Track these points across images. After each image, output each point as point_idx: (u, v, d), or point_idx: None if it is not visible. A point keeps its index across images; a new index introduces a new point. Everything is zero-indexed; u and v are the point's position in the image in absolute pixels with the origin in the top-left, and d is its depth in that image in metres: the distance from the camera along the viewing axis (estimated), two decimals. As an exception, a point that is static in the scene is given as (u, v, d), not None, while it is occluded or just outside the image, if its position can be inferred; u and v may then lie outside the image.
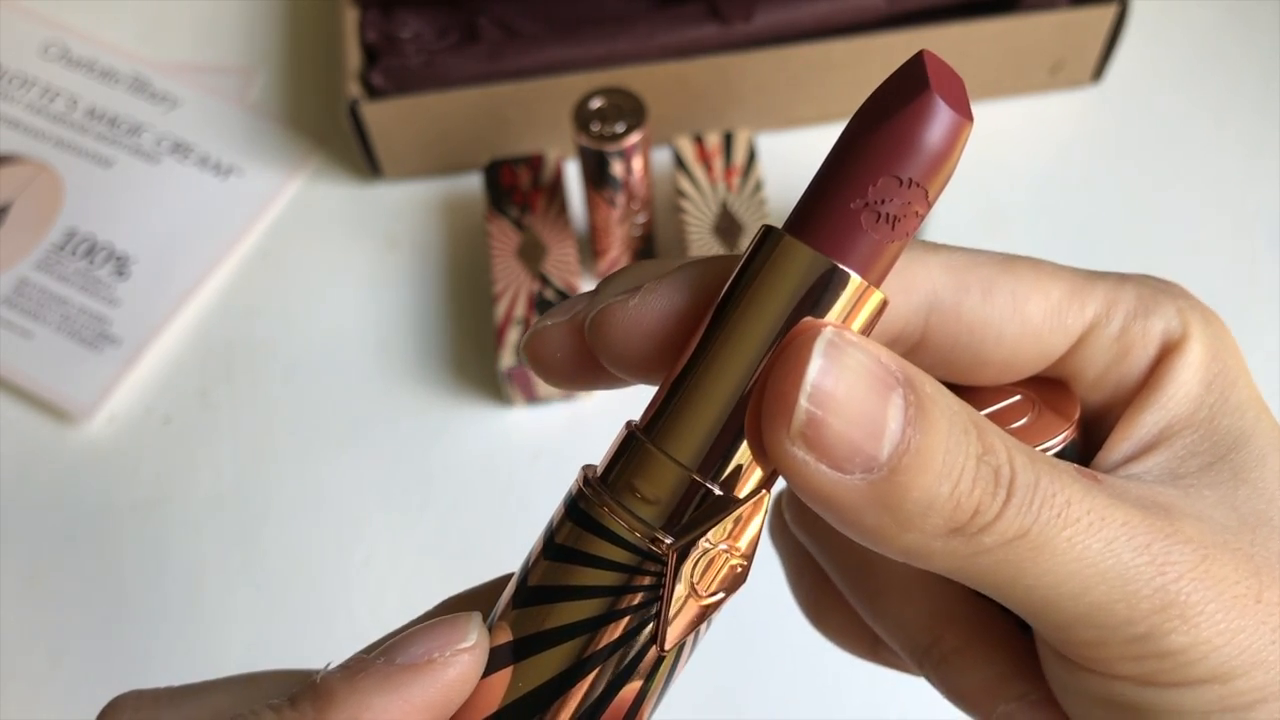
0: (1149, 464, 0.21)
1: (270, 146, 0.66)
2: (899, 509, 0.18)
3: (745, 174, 0.59)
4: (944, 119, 0.18)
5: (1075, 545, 0.18)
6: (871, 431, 0.18)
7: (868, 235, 0.19)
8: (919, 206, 0.19)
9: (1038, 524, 0.18)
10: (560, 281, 0.56)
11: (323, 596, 0.52)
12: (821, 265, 0.19)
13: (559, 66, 0.60)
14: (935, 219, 0.60)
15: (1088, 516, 0.18)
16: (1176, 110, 0.64)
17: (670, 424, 0.20)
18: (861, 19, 0.60)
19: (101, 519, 0.55)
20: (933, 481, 0.18)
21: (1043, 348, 0.22)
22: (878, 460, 0.18)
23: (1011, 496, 0.18)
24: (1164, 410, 0.22)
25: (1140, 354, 0.22)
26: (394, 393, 0.57)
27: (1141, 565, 0.19)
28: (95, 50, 0.70)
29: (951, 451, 0.18)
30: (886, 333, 0.22)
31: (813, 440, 0.18)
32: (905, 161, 0.18)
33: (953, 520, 0.18)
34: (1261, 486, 0.21)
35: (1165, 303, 0.22)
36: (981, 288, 0.22)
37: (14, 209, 0.64)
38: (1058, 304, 0.22)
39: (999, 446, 0.19)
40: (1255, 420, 0.21)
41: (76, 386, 0.58)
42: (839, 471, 0.18)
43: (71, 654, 0.52)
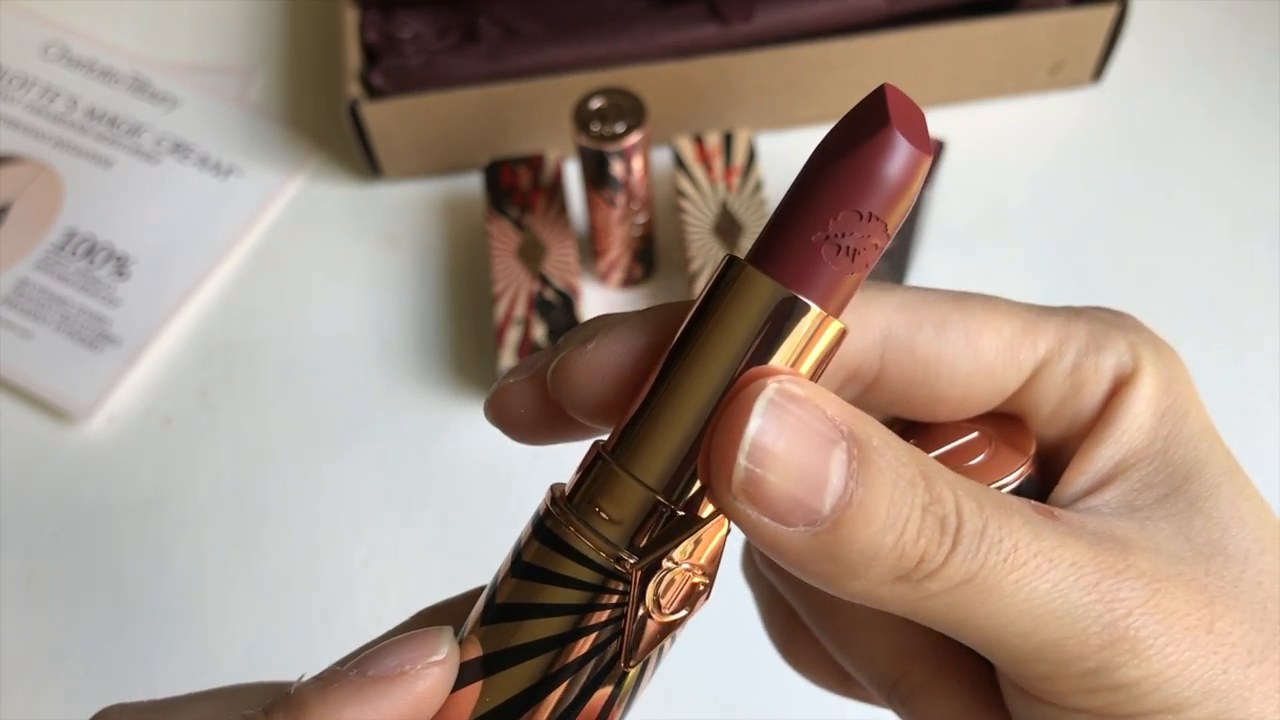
0: (1106, 497, 0.22)
1: (270, 146, 0.66)
2: (844, 559, 0.18)
3: (745, 174, 0.59)
4: (903, 154, 0.19)
5: (1023, 587, 0.19)
6: (811, 487, 0.18)
7: (828, 267, 0.19)
8: (878, 239, 0.19)
9: (984, 569, 0.19)
10: (560, 281, 0.56)
11: (323, 596, 0.52)
12: (781, 295, 0.19)
13: (559, 66, 0.60)
14: (936, 220, 0.60)
15: (1035, 559, 0.19)
16: (1176, 111, 0.64)
17: (635, 445, 0.20)
18: (861, 19, 0.60)
19: (101, 519, 0.55)
20: (876, 533, 0.18)
21: (996, 383, 0.22)
22: (820, 514, 0.18)
23: (958, 544, 0.19)
24: (1118, 444, 0.22)
25: (1093, 389, 0.22)
26: (394, 392, 0.57)
27: (1090, 603, 0.19)
28: (95, 50, 0.70)
29: (896, 503, 0.18)
30: (843, 369, 0.22)
31: (754, 496, 0.18)
32: (866, 195, 0.19)
33: (898, 569, 0.19)
34: (1215, 516, 0.21)
35: (1117, 337, 0.23)
36: (935, 324, 0.22)
37: (14, 209, 0.64)
38: (1010, 340, 0.22)
39: (946, 495, 0.19)
40: (1209, 450, 0.22)
41: (76, 387, 0.58)
42: (782, 524, 0.18)
43: (72, 654, 0.52)
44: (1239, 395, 0.55)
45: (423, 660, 0.21)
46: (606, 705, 0.21)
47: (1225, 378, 0.55)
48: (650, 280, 0.60)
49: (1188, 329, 0.57)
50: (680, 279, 0.60)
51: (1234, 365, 0.56)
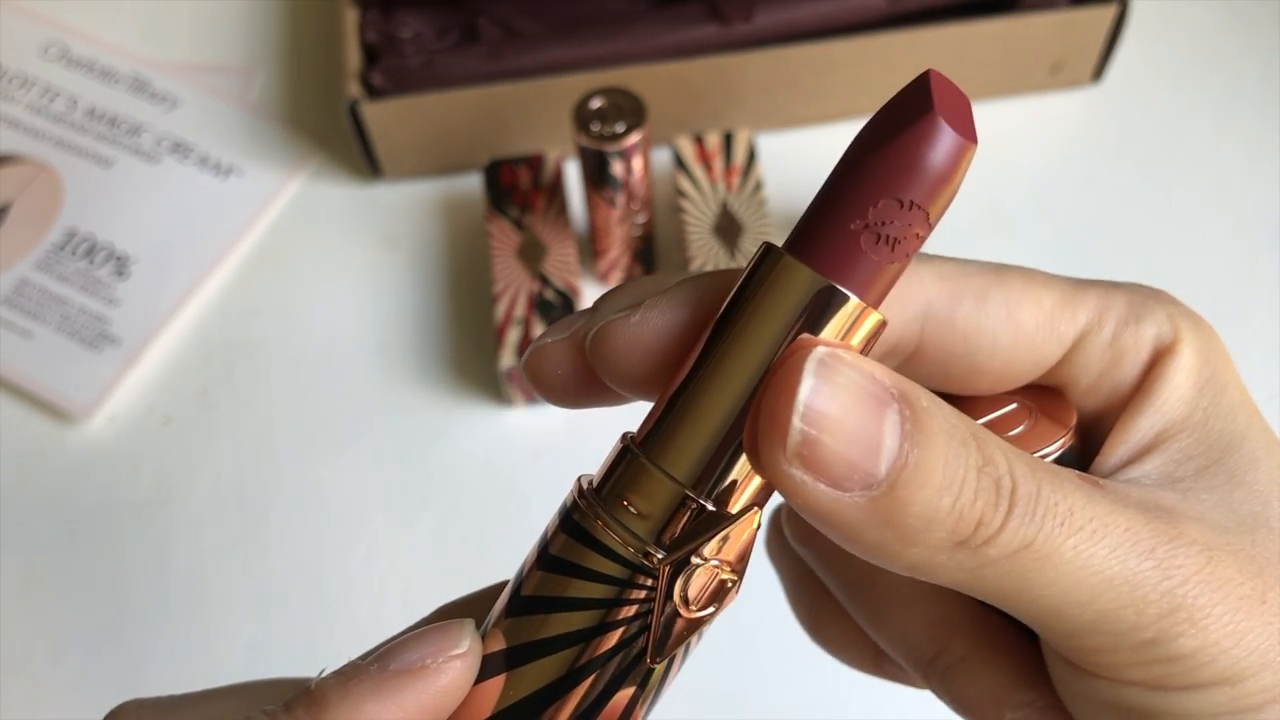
0: (1146, 468, 0.21)
1: (270, 146, 0.66)
2: (901, 524, 0.18)
3: (745, 174, 0.59)
4: (947, 141, 0.18)
5: (1081, 553, 0.18)
6: (868, 449, 0.18)
7: (867, 257, 0.19)
8: (920, 229, 0.19)
9: (1042, 534, 0.18)
10: (560, 281, 0.56)
11: (323, 596, 0.52)
12: (819, 286, 0.19)
13: (559, 66, 0.60)
14: (935, 219, 0.60)
15: (1091, 524, 0.18)
16: (1176, 110, 0.64)
17: (666, 439, 0.20)
18: (862, 19, 0.60)
19: (102, 519, 0.55)
20: (933, 495, 0.18)
21: (1037, 355, 0.22)
22: (876, 477, 0.18)
23: (1014, 508, 0.18)
24: (1159, 415, 0.22)
25: (1133, 359, 0.22)
26: (394, 392, 0.57)
27: (1147, 570, 0.19)
28: (95, 50, 0.70)
29: (951, 464, 0.18)
30: (883, 343, 0.22)
31: (809, 460, 0.18)
32: (907, 183, 0.18)
33: (956, 534, 0.18)
34: (1257, 489, 0.21)
35: (1156, 309, 0.22)
36: (975, 297, 0.22)
37: (14, 209, 0.64)
38: (1050, 311, 0.22)
39: (999, 457, 0.19)
40: (1247, 423, 0.22)
41: (76, 386, 0.58)
42: (838, 490, 0.18)
43: (72, 654, 0.52)
44: (1239, 395, 0.55)
45: (444, 654, 0.21)
46: (631, 702, 0.21)
47: (1225, 377, 0.56)
48: (650, 280, 0.60)
49: (1188, 329, 0.57)
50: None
51: (1235, 364, 0.56)
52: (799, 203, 0.62)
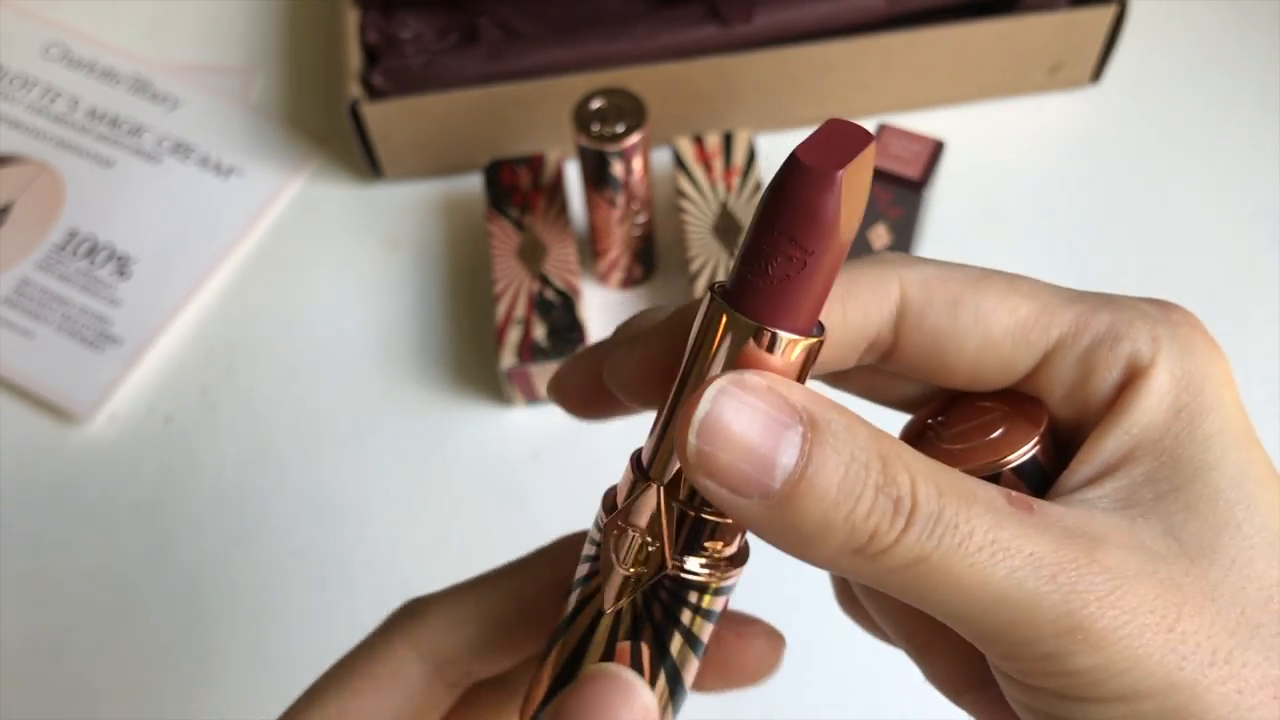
0: (1105, 489, 0.22)
1: (271, 147, 0.66)
2: (798, 530, 0.20)
3: (745, 174, 0.59)
4: (806, 175, 0.20)
5: (977, 571, 0.20)
6: (760, 464, 0.20)
7: (781, 296, 0.21)
8: (805, 255, 0.21)
9: (938, 551, 0.20)
10: (560, 281, 0.56)
11: (323, 596, 0.53)
12: (744, 327, 0.21)
13: (559, 67, 0.60)
14: (937, 220, 0.60)
15: (991, 547, 0.20)
16: (1175, 111, 0.64)
17: (655, 454, 0.24)
18: (861, 19, 0.60)
19: (103, 518, 0.55)
20: (827, 508, 0.20)
21: (1006, 362, 0.23)
22: (771, 488, 0.20)
23: (911, 524, 0.20)
24: (1127, 435, 0.22)
25: (1103, 376, 0.23)
26: (394, 392, 0.58)
27: (1047, 592, 0.20)
28: (96, 51, 0.70)
29: (848, 481, 0.20)
30: (864, 337, 0.24)
31: (708, 470, 0.20)
32: (785, 221, 0.21)
33: (850, 542, 0.20)
34: (1210, 520, 0.21)
35: (1140, 329, 0.23)
36: (948, 302, 0.23)
37: (15, 209, 0.64)
38: (1023, 322, 0.23)
39: (902, 478, 0.20)
40: (1221, 454, 0.22)
41: (78, 386, 0.58)
42: (740, 496, 0.20)
43: (72, 654, 0.52)
44: (1240, 393, 0.55)
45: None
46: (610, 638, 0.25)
47: (1224, 377, 0.56)
48: (650, 280, 0.60)
49: (1187, 329, 0.57)
50: (680, 279, 0.60)
51: (1235, 364, 0.56)
52: (799, 203, 0.62)
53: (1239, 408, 0.23)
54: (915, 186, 0.53)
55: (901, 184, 0.53)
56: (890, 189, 0.53)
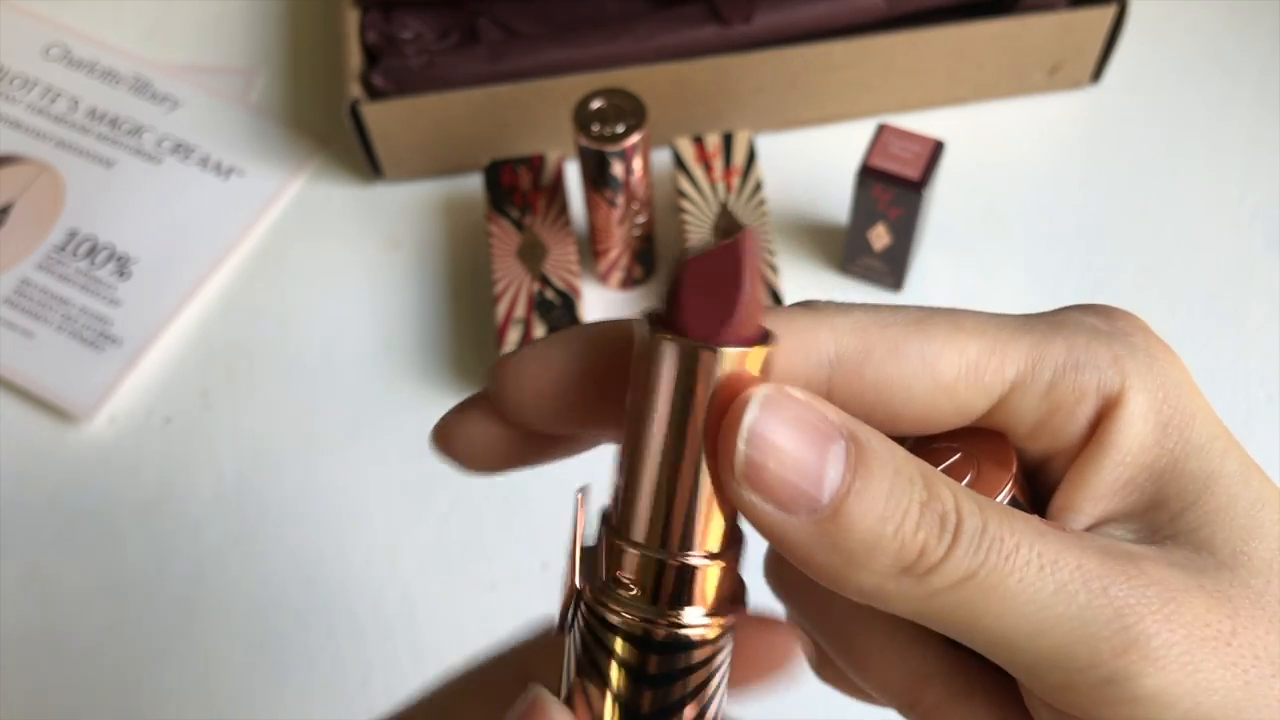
0: (1117, 527, 0.21)
1: (271, 147, 0.66)
2: (845, 548, 0.19)
3: (745, 175, 0.59)
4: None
5: (1026, 587, 0.19)
6: (811, 475, 0.19)
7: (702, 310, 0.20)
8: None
9: (985, 566, 0.19)
10: (561, 282, 0.56)
11: (323, 596, 0.53)
12: (691, 350, 0.20)
13: (559, 68, 0.60)
14: (936, 220, 0.60)
15: (1039, 559, 0.19)
16: (1175, 111, 0.64)
17: (626, 515, 0.22)
18: (861, 20, 0.60)
19: (102, 519, 0.55)
20: (876, 523, 0.19)
21: (958, 406, 0.22)
22: (820, 501, 0.19)
23: (959, 540, 0.19)
24: (1121, 466, 0.22)
25: (1072, 410, 0.22)
26: (395, 393, 0.58)
27: (1099, 607, 0.19)
28: (97, 51, 0.70)
29: (895, 496, 0.19)
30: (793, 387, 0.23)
31: (756, 482, 0.19)
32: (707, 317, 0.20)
33: (899, 560, 0.19)
34: (1236, 526, 0.21)
35: (1099, 352, 0.22)
36: (888, 348, 0.22)
37: (15, 209, 0.64)
38: (974, 362, 0.22)
39: (945, 494, 0.20)
40: (1220, 458, 0.21)
41: (78, 387, 0.58)
42: (785, 512, 0.19)
43: (72, 654, 0.52)
44: (1239, 395, 0.55)
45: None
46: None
47: (1225, 377, 0.56)
48: (650, 280, 0.60)
49: (1187, 329, 0.57)
50: (680, 279, 0.60)
51: (1234, 365, 0.56)
52: (798, 203, 0.62)
53: (1210, 408, 0.22)
54: (915, 186, 0.53)
55: (901, 184, 0.53)
56: (890, 189, 0.53)
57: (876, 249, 0.56)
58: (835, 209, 0.60)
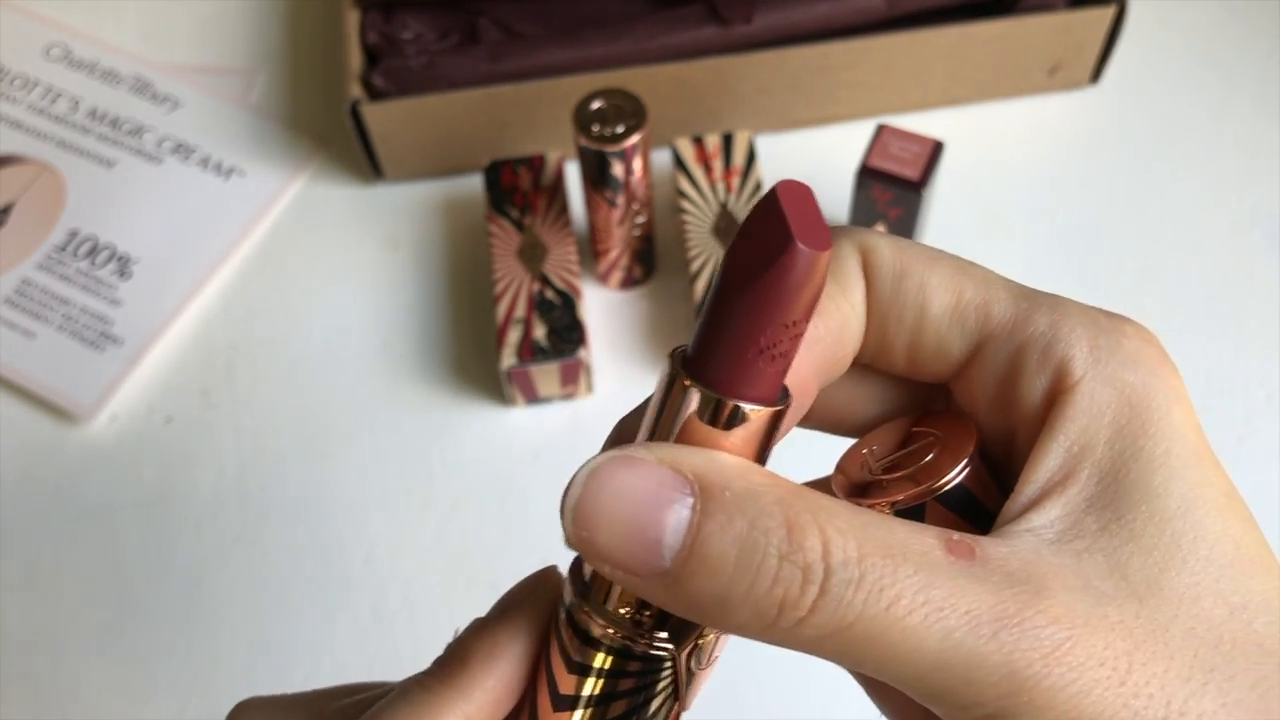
0: (1049, 515, 0.21)
1: (272, 147, 0.66)
2: (700, 608, 0.19)
3: (745, 175, 0.59)
4: (807, 263, 0.19)
5: (909, 637, 0.18)
6: (645, 542, 0.19)
7: (764, 373, 0.20)
8: (799, 330, 0.20)
9: (862, 618, 0.18)
10: (561, 282, 0.56)
11: (324, 596, 0.53)
12: (708, 400, 0.20)
13: (559, 68, 0.60)
14: (935, 220, 0.60)
15: (922, 609, 0.19)
16: (1174, 111, 0.64)
17: None
18: (861, 20, 0.60)
19: (103, 518, 0.55)
20: (723, 584, 0.19)
21: (940, 343, 0.23)
22: (661, 565, 0.19)
23: (826, 591, 0.18)
24: (1066, 453, 0.21)
25: (1030, 380, 0.22)
26: (395, 392, 0.58)
27: (988, 653, 0.18)
28: (97, 51, 0.70)
29: (745, 552, 0.19)
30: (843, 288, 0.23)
31: (593, 555, 0.19)
32: (786, 309, 0.20)
33: (758, 616, 0.19)
34: (1156, 553, 0.20)
35: (1081, 337, 0.22)
36: (896, 273, 0.23)
37: (16, 209, 0.64)
38: (963, 304, 0.22)
39: (811, 544, 0.19)
40: (1167, 479, 0.21)
41: (78, 386, 0.58)
42: (632, 575, 0.19)
43: (72, 653, 0.52)
44: (1239, 394, 0.55)
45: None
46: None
47: (1225, 377, 0.56)
48: (650, 281, 0.60)
49: (1187, 328, 0.57)
50: (680, 279, 0.60)
51: (1233, 364, 0.56)
52: (798, 203, 0.62)
53: (1191, 427, 0.21)
54: (915, 187, 0.53)
55: (901, 184, 0.53)
56: (890, 189, 0.53)
57: (876, 249, 0.57)
58: (835, 209, 0.60)
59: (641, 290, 0.60)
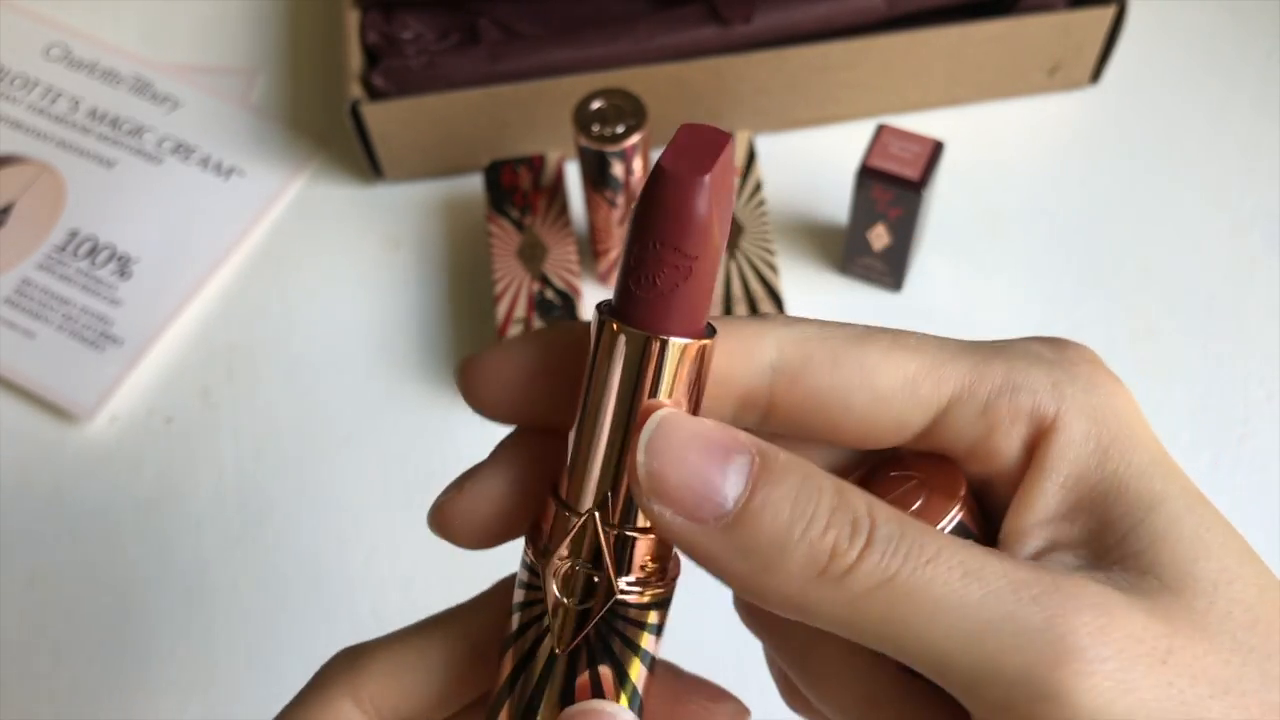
0: (1065, 554, 0.21)
1: (272, 147, 0.66)
2: (755, 552, 0.20)
3: (745, 175, 0.59)
4: (670, 183, 0.20)
5: (951, 592, 0.19)
6: (713, 483, 0.20)
7: (640, 296, 0.21)
8: (676, 260, 0.21)
9: (904, 569, 0.19)
10: (561, 282, 0.56)
11: (324, 595, 0.53)
12: (635, 338, 0.21)
13: (559, 68, 0.60)
14: (935, 220, 0.60)
15: (961, 566, 0.19)
16: (1174, 111, 0.64)
17: (573, 487, 0.23)
18: (861, 20, 0.60)
19: (103, 519, 0.55)
20: (783, 525, 0.19)
21: (897, 419, 0.23)
22: (725, 508, 0.20)
23: (872, 543, 0.19)
24: (1062, 490, 0.22)
25: (1007, 431, 0.22)
26: (395, 392, 0.58)
27: (1031, 614, 0.19)
28: (97, 52, 0.70)
29: (801, 500, 0.20)
30: (732, 395, 0.23)
31: (659, 492, 0.20)
32: (646, 227, 0.21)
33: (811, 562, 0.19)
34: (1180, 549, 0.21)
35: (1038, 376, 0.22)
36: (828, 360, 0.23)
37: (16, 209, 0.64)
38: (912, 377, 0.22)
39: (858, 502, 0.20)
40: (1164, 483, 0.21)
41: (78, 386, 0.58)
42: (694, 520, 0.20)
43: (73, 653, 0.52)
44: (1239, 394, 0.55)
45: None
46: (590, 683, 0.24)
47: (1225, 377, 0.56)
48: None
49: (1187, 328, 0.57)
50: (680, 279, 0.60)
51: (1233, 364, 0.56)
52: (798, 204, 0.62)
53: (1154, 436, 0.22)
54: (914, 187, 0.53)
55: (901, 184, 0.53)
56: (890, 189, 0.53)
57: (876, 249, 0.57)
58: (835, 209, 0.60)
59: (641, 290, 0.60)
